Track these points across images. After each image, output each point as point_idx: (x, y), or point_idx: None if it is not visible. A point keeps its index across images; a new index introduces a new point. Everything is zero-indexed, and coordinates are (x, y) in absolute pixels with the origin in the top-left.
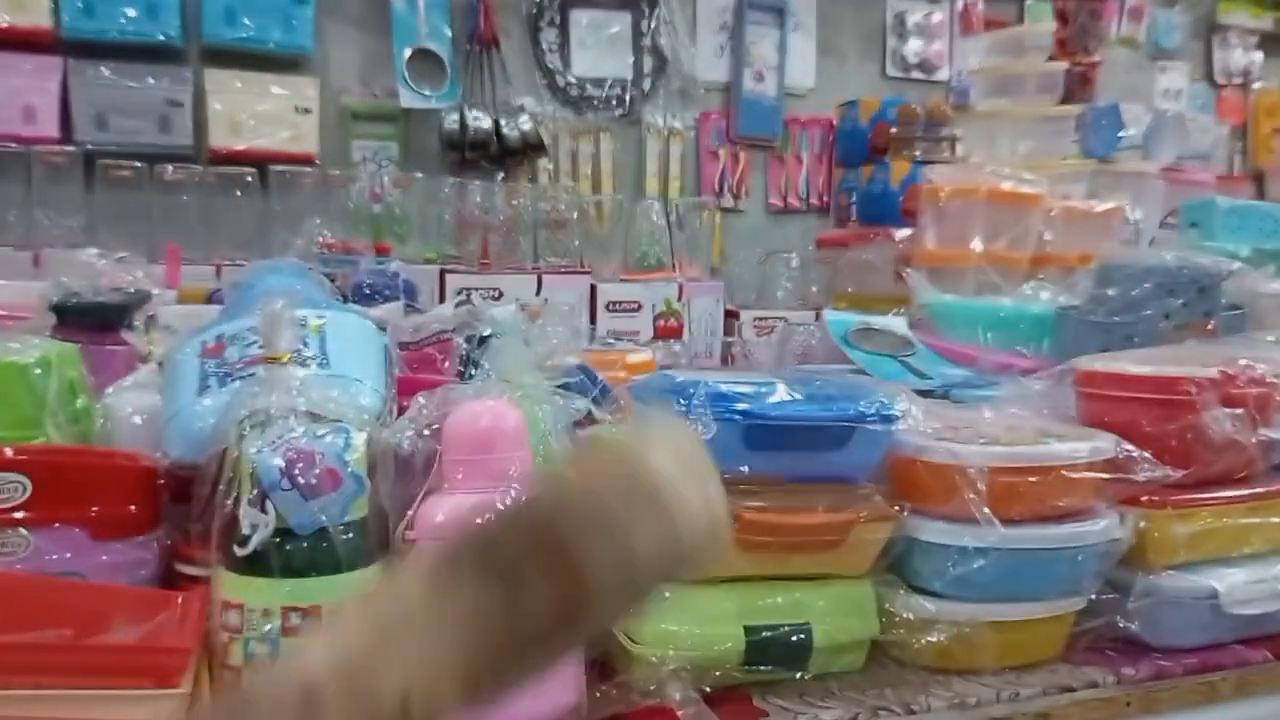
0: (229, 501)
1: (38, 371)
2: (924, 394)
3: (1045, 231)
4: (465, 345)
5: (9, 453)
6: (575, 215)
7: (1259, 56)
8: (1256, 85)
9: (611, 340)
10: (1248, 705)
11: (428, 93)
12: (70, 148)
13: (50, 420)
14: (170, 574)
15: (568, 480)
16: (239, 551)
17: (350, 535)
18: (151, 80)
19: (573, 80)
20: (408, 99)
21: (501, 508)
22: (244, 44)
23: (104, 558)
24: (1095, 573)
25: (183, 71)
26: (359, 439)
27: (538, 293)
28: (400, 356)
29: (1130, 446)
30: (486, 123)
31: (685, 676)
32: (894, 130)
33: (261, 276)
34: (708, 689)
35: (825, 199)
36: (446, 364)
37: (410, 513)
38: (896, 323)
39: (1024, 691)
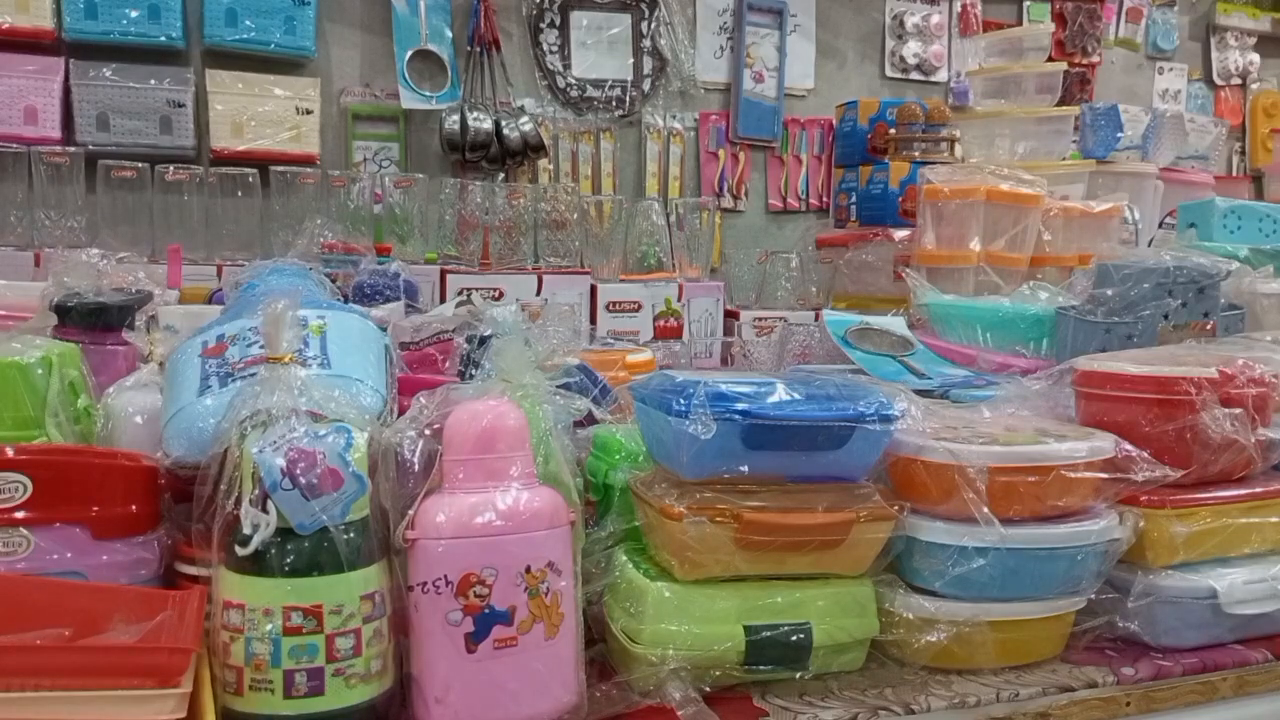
0: (230, 501)
1: (39, 371)
2: (923, 394)
3: (1044, 232)
4: (466, 345)
5: (10, 452)
6: (575, 215)
7: (1257, 57)
8: (1254, 86)
9: (611, 340)
10: (1247, 705)
11: (428, 94)
12: (72, 148)
13: (51, 420)
14: (171, 574)
15: None
16: (240, 551)
17: (351, 535)
18: (153, 81)
19: (573, 81)
20: (409, 100)
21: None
22: (245, 45)
23: (105, 558)
24: (1095, 572)
25: (184, 73)
26: (360, 439)
27: (538, 293)
28: (401, 356)
29: (1129, 446)
30: (487, 124)
31: (685, 676)
32: (893, 131)
33: (263, 277)
34: (708, 689)
35: (824, 199)
36: (447, 364)
37: (410, 512)
38: (895, 323)
39: (1024, 691)
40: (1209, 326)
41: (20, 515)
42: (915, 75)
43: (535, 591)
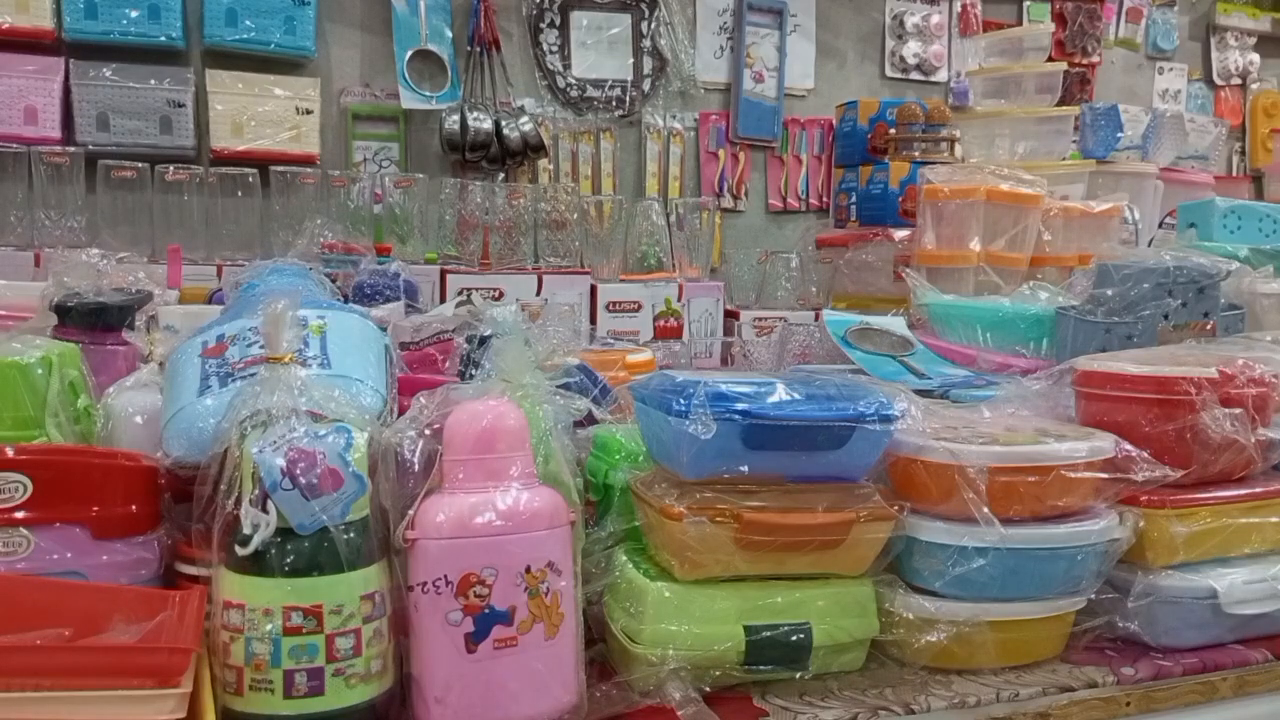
0: (230, 501)
1: (39, 371)
2: (923, 394)
3: (1044, 232)
4: (466, 345)
5: (10, 452)
6: (575, 215)
7: (1257, 57)
8: (1254, 86)
9: (611, 340)
10: (1247, 705)
11: (428, 94)
12: (72, 148)
13: (51, 420)
14: (171, 574)
15: None
16: (240, 551)
17: (351, 535)
18: (153, 81)
19: (573, 81)
20: (409, 100)
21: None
22: (245, 45)
23: (105, 558)
24: (1095, 572)
25: (184, 73)
26: (360, 439)
27: (538, 293)
28: (401, 356)
29: (1129, 446)
30: (487, 123)
31: (685, 676)
32: (893, 131)
33: (263, 277)
34: (708, 689)
35: (824, 199)
36: (447, 364)
37: (410, 512)
38: (896, 323)
39: (1024, 691)
40: (1209, 326)
41: (20, 515)
42: (915, 75)
43: (535, 591)
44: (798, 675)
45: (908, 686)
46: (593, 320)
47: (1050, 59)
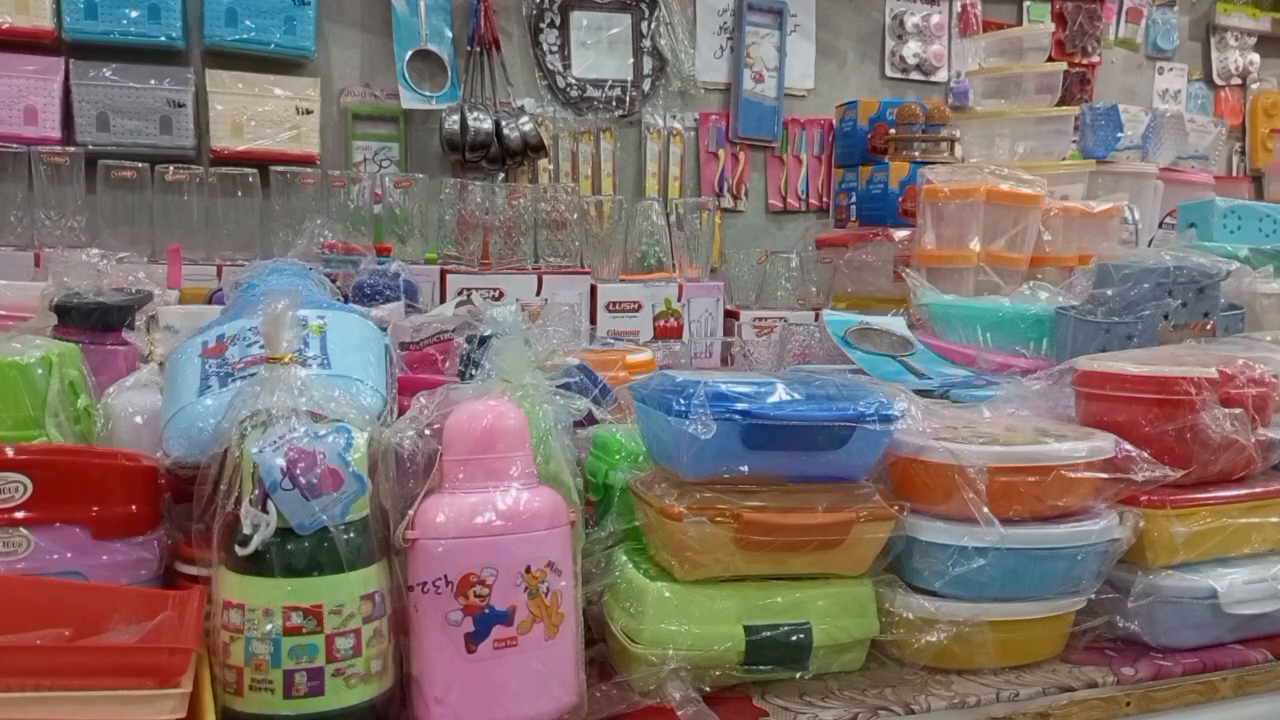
0: (230, 501)
1: (39, 371)
2: (923, 394)
3: (1044, 232)
4: (466, 345)
5: (10, 452)
6: (575, 215)
7: (1257, 57)
8: (1254, 86)
9: (611, 340)
10: (1246, 705)
11: (428, 94)
12: (72, 148)
13: (51, 420)
14: (171, 574)
15: None
16: (240, 551)
17: (351, 535)
18: (153, 81)
19: (573, 81)
20: (409, 100)
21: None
22: (245, 45)
23: (105, 558)
24: (1095, 572)
25: (184, 73)
26: (360, 439)
27: (538, 293)
28: (401, 356)
29: (1129, 446)
30: (487, 124)
31: (685, 676)
32: (893, 131)
33: (263, 277)
34: (708, 689)
35: (824, 199)
36: (447, 364)
37: (410, 512)
38: (896, 323)
39: (1024, 691)
40: (1209, 326)
41: (20, 515)
42: (915, 75)
43: (535, 591)
44: (798, 675)
45: (908, 686)
46: (593, 320)
47: (1050, 59)
